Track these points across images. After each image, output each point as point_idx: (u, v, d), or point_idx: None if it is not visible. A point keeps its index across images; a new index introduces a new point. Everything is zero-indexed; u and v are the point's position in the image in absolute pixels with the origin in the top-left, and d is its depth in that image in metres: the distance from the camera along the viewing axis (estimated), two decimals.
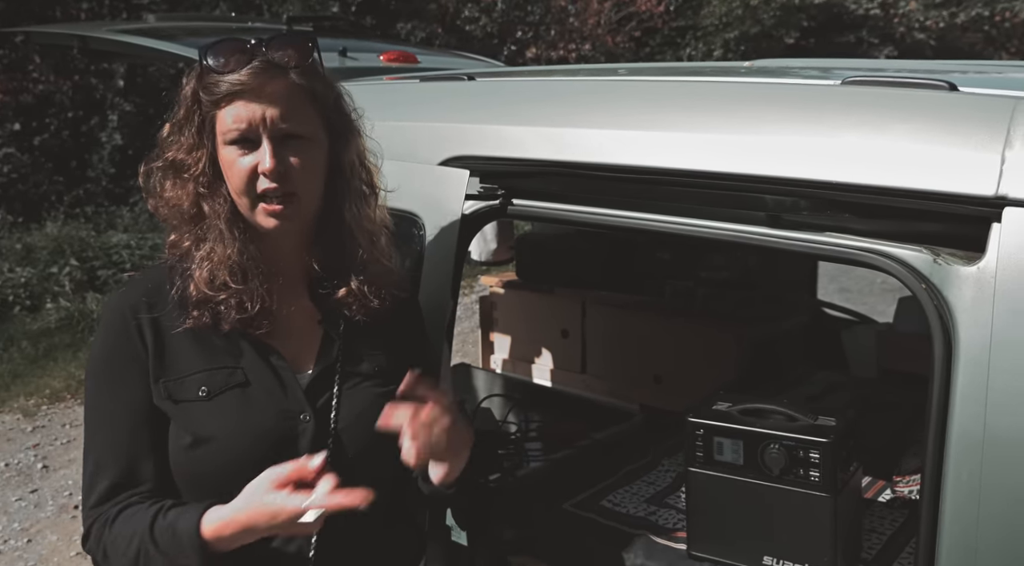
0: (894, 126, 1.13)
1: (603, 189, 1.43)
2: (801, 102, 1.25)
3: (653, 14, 11.10)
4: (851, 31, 13.20)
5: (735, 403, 1.50)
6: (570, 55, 9.92)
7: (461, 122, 1.61)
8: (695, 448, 1.47)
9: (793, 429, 1.39)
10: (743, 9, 11.16)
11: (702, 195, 1.31)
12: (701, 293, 2.75)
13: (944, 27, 13.57)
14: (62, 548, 3.56)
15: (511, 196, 1.55)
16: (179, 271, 1.17)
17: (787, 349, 2.55)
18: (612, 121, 1.42)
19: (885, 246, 1.13)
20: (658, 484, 1.80)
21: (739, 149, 1.24)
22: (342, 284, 1.20)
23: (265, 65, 1.11)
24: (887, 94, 1.18)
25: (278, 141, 1.11)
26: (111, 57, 3.24)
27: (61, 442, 4.63)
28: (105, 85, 8.10)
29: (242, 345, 1.17)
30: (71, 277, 6.62)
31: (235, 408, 1.14)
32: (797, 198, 1.21)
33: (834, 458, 1.34)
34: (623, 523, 1.64)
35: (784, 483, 1.38)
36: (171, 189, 1.16)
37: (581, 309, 2.76)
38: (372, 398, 1.21)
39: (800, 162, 1.18)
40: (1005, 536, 1.01)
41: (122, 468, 1.15)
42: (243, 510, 1.06)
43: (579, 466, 1.91)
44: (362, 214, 1.22)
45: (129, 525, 1.12)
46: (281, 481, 1.05)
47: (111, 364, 1.16)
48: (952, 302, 1.05)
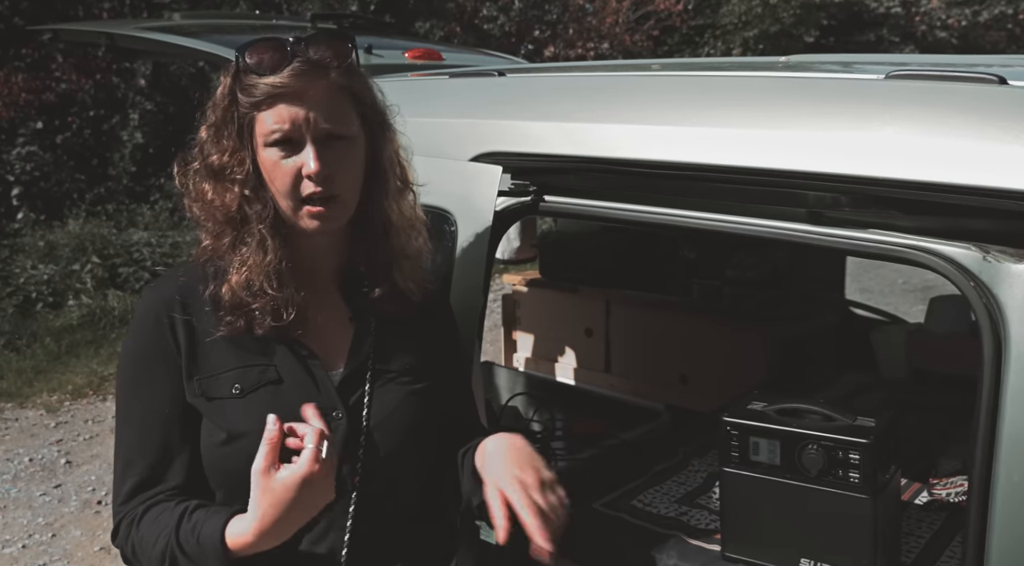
0: (942, 120, 1.10)
1: (638, 185, 1.41)
2: (845, 97, 1.23)
3: (671, 12, 11.05)
4: (871, 29, 13.09)
5: (771, 403, 1.48)
6: (588, 54, 9.89)
7: (492, 118, 1.60)
8: (730, 448, 1.45)
9: (832, 429, 1.37)
10: (762, 7, 11.09)
11: (741, 191, 1.29)
12: (727, 292, 2.73)
13: (966, 25, 13.42)
14: (86, 543, 3.58)
15: (543, 192, 1.53)
16: (212, 271, 1.16)
17: (815, 349, 2.52)
18: (648, 117, 1.40)
19: (932, 243, 1.11)
20: (689, 484, 1.78)
21: (780, 145, 1.22)
22: (377, 281, 1.19)
23: (306, 66, 1.09)
24: (934, 88, 1.15)
25: (320, 142, 1.10)
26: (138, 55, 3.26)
27: (84, 438, 4.67)
28: (127, 84, 8.15)
29: (274, 343, 1.16)
30: (93, 274, 6.67)
31: (268, 405, 1.13)
32: (840, 194, 1.18)
33: (874, 459, 1.32)
34: (654, 523, 1.62)
35: (822, 484, 1.36)
36: (213, 192, 1.15)
37: (605, 308, 2.75)
38: (404, 395, 1.20)
39: (844, 158, 1.16)
40: None
41: (151, 465, 1.15)
42: (261, 515, 1.04)
43: (608, 465, 1.89)
44: (399, 211, 1.21)
45: (155, 526, 1.11)
46: (267, 464, 1.02)
47: (143, 360, 1.16)
48: (1002, 300, 1.03)
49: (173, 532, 1.09)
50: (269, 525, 1.03)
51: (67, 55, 7.89)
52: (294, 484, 1.01)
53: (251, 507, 1.04)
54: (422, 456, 1.22)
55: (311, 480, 1.01)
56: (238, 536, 1.05)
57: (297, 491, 1.01)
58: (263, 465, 1.02)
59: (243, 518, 1.06)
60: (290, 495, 1.01)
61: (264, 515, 1.03)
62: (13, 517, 3.79)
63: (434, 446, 1.24)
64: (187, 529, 1.08)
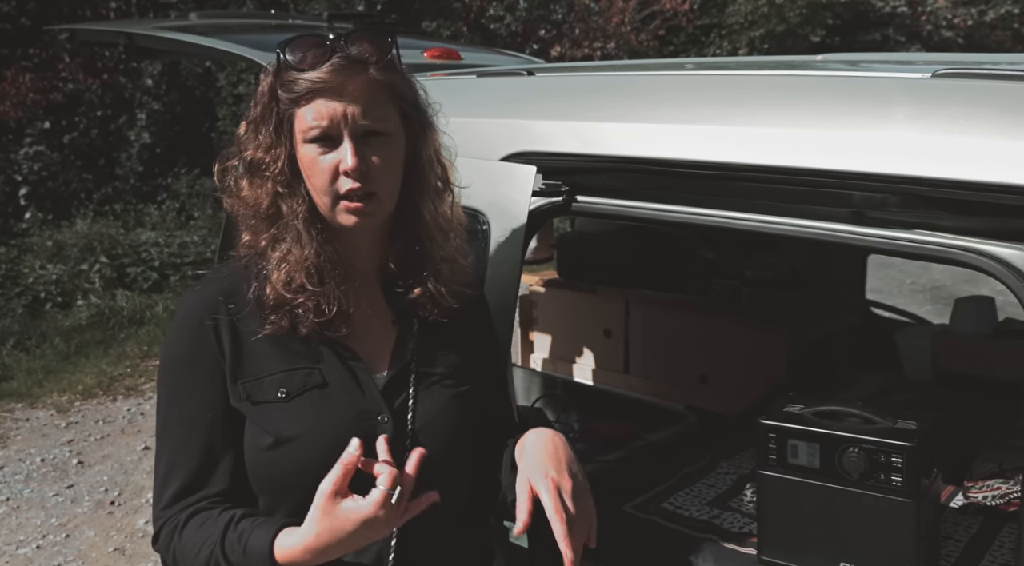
0: (992, 119, 1.09)
1: (675, 186, 1.40)
2: (891, 95, 1.22)
3: (677, 12, 11.02)
4: (877, 29, 13.07)
5: (807, 405, 1.46)
6: (595, 53, 9.87)
7: (524, 118, 1.58)
8: (767, 451, 1.43)
9: (873, 432, 1.35)
10: (769, 7, 11.07)
11: (782, 192, 1.28)
12: (746, 292, 2.71)
13: (972, 24, 13.40)
14: (100, 544, 3.57)
15: (575, 192, 1.52)
16: (255, 271, 1.15)
17: (836, 350, 2.51)
18: (686, 116, 1.39)
19: (982, 244, 1.09)
20: (719, 487, 1.77)
21: (823, 144, 1.21)
22: (418, 283, 1.18)
23: (345, 61, 1.08)
24: (982, 86, 1.14)
25: (359, 138, 1.09)
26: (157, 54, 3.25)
27: (95, 438, 4.66)
28: (134, 84, 8.15)
29: (319, 346, 1.15)
30: (101, 274, 6.67)
31: (314, 409, 1.12)
32: (886, 194, 1.17)
33: (917, 463, 1.30)
34: (687, 526, 1.61)
35: (863, 488, 1.34)
36: (249, 188, 1.14)
37: (624, 308, 2.73)
38: (447, 398, 1.19)
39: (891, 157, 1.14)
40: None
41: (194, 470, 1.14)
42: (316, 534, 1.02)
43: (636, 467, 1.88)
44: (438, 211, 1.19)
45: (200, 534, 1.10)
46: (335, 489, 1.01)
47: (185, 363, 1.15)
48: None
49: (218, 541, 1.07)
50: (321, 546, 1.02)
51: (74, 55, 7.89)
52: (356, 520, 1.00)
53: (307, 524, 1.03)
54: (466, 458, 1.21)
55: (373, 522, 1.00)
56: (287, 549, 1.04)
57: (356, 526, 1.00)
58: (331, 489, 1.01)
59: (293, 532, 1.04)
60: (348, 527, 1.01)
61: (319, 536, 1.02)
62: (27, 518, 3.78)
63: (477, 447, 1.23)
64: (233, 538, 1.07)
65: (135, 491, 4.04)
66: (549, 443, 1.16)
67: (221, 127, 8.20)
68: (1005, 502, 1.56)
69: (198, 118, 8.46)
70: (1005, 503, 1.56)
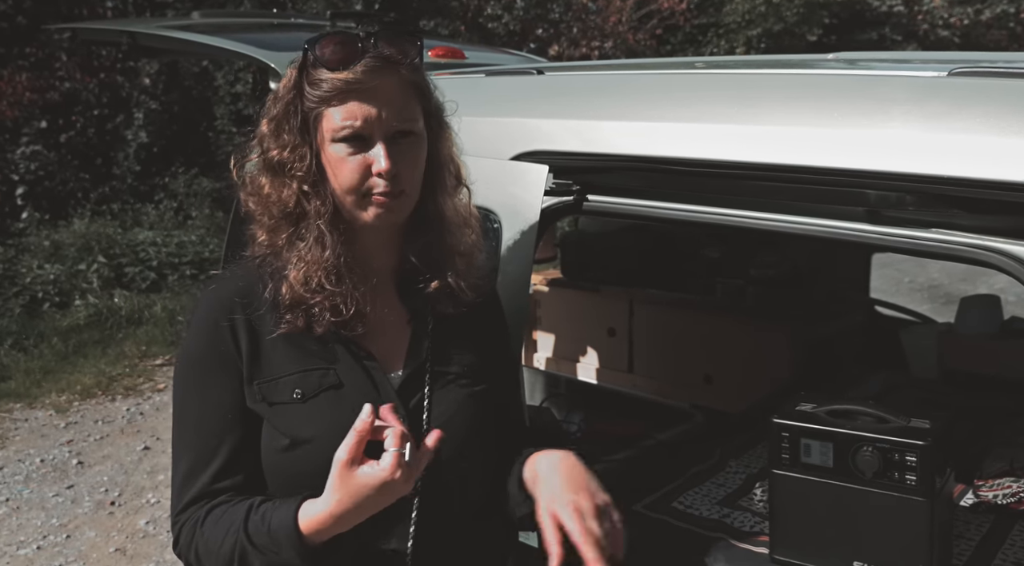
0: (1009, 117, 1.09)
1: (688, 185, 1.39)
2: (908, 94, 1.21)
3: (675, 11, 11.03)
4: (873, 28, 13.08)
5: (819, 404, 1.47)
6: (592, 53, 9.87)
7: (534, 117, 1.58)
8: (780, 450, 1.43)
9: (887, 431, 1.35)
10: (766, 6, 11.07)
11: (797, 190, 1.28)
12: (751, 291, 2.71)
13: (968, 24, 13.41)
14: (100, 544, 3.56)
15: (586, 192, 1.52)
16: (270, 270, 1.14)
17: (842, 348, 2.51)
18: (698, 115, 1.39)
19: (1000, 243, 1.09)
20: (728, 486, 1.77)
21: (840, 143, 1.21)
22: (434, 278, 1.18)
23: (379, 62, 1.08)
24: (999, 85, 1.14)
25: (390, 140, 1.09)
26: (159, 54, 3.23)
27: (94, 438, 4.64)
28: (131, 83, 8.12)
29: (334, 346, 1.14)
30: (99, 274, 6.65)
31: (330, 410, 1.11)
32: (902, 193, 1.17)
33: (931, 461, 1.31)
34: (698, 525, 1.61)
35: (877, 487, 1.34)
36: (270, 187, 1.13)
37: (628, 308, 2.73)
38: (463, 397, 1.19)
39: (907, 156, 1.14)
40: None
41: (212, 471, 1.13)
42: (337, 501, 1.02)
43: (644, 467, 1.88)
44: (454, 208, 1.19)
45: (221, 524, 1.09)
46: (351, 457, 1.01)
47: (202, 364, 1.14)
48: None
49: (241, 527, 1.07)
50: (343, 511, 1.02)
51: (71, 54, 7.86)
52: (374, 484, 1.00)
53: (327, 492, 1.03)
54: (482, 456, 1.21)
55: (390, 484, 1.00)
56: (310, 518, 1.04)
57: (374, 491, 1.00)
58: (347, 457, 1.01)
59: (315, 502, 1.05)
60: (367, 492, 1.00)
61: (340, 502, 1.02)
62: (27, 518, 3.76)
63: (493, 444, 1.22)
64: (256, 521, 1.07)
65: (135, 491, 4.02)
66: (563, 465, 1.15)
67: (219, 126, 8.17)
68: (1016, 500, 1.56)
69: (195, 117, 8.44)
70: (1016, 501, 1.56)
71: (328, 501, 1.03)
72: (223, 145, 8.21)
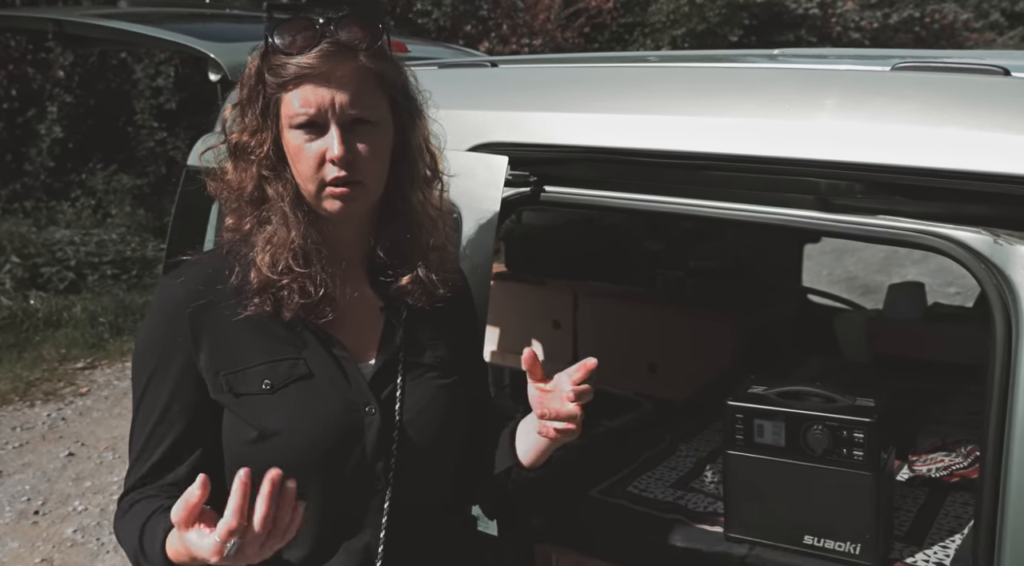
0: (951, 110, 1.15)
1: (644, 175, 1.43)
2: (854, 87, 1.27)
3: (602, 10, 11.17)
4: (790, 30, 13.52)
5: (770, 386, 1.52)
6: (522, 50, 9.91)
7: (490, 109, 1.59)
8: (735, 431, 1.48)
9: (835, 410, 1.42)
10: (689, 6, 11.33)
11: (748, 180, 1.32)
12: (691, 282, 2.79)
13: (878, 27, 14.02)
14: (25, 554, 3.41)
15: (542, 183, 1.54)
16: (237, 256, 1.13)
17: (779, 335, 2.60)
18: (652, 107, 1.42)
19: (943, 228, 1.16)
20: (680, 469, 1.82)
21: (789, 133, 1.26)
22: (407, 271, 1.17)
23: (335, 47, 1.07)
24: (941, 79, 1.20)
25: (346, 127, 1.08)
26: (90, 43, 3.11)
27: (13, 446, 4.43)
28: (44, 75, 7.75)
29: (303, 334, 1.13)
30: (12, 275, 6.34)
31: (300, 401, 1.10)
32: (851, 181, 1.23)
33: (877, 437, 1.38)
34: (654, 508, 1.65)
35: (827, 463, 1.41)
36: (233, 172, 1.13)
37: (573, 300, 2.76)
38: (435, 390, 1.19)
39: (855, 146, 1.20)
40: None
41: (153, 461, 1.13)
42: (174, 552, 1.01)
43: (598, 453, 1.91)
44: (427, 199, 1.19)
45: (134, 521, 1.09)
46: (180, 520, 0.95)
47: (158, 353, 1.12)
48: (1014, 281, 1.08)
49: (139, 532, 1.06)
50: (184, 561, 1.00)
51: None
52: (195, 554, 0.96)
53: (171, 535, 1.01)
54: (454, 448, 1.21)
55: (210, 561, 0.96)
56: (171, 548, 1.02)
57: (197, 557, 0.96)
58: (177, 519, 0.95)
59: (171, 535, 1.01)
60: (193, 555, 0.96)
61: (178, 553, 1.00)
62: None
63: (463, 437, 1.23)
64: (152, 527, 1.05)
65: (61, 499, 3.86)
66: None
67: (139, 121, 7.88)
68: (948, 473, 1.66)
69: (114, 112, 8.12)
70: (948, 474, 1.66)
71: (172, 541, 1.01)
72: (144, 140, 7.94)
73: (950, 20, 14.65)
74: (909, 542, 1.50)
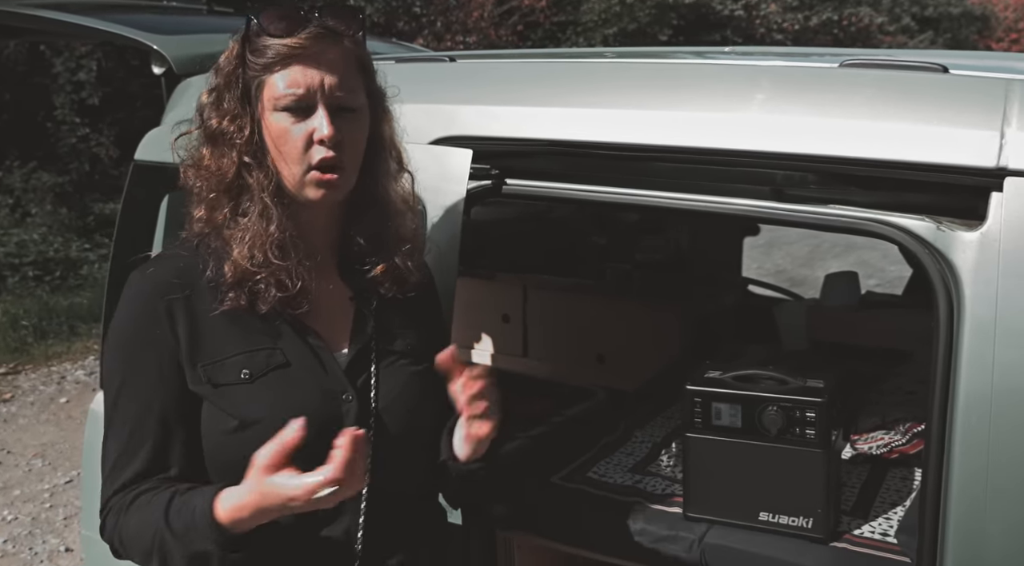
0: (896, 104, 1.23)
1: (605, 168, 1.47)
2: (805, 83, 1.34)
3: (535, 8, 11.25)
4: (717, 30, 13.88)
5: (725, 371, 1.59)
6: (457, 47, 9.91)
7: (451, 102, 1.60)
8: (693, 415, 1.54)
9: (788, 391, 1.49)
10: (620, 6, 11.51)
11: (706, 172, 1.38)
12: (638, 275, 2.86)
13: (799, 29, 14.50)
14: None
15: (504, 176, 1.56)
16: (209, 250, 1.12)
17: (722, 325, 2.69)
18: (610, 101, 1.46)
19: (890, 216, 1.23)
20: (636, 454, 1.87)
21: (745, 127, 1.31)
22: (379, 261, 1.18)
23: (323, 30, 1.08)
24: (886, 76, 1.28)
25: (333, 110, 1.09)
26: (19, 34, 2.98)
27: None
28: None
29: (278, 325, 1.13)
30: None
31: (279, 390, 1.10)
32: (804, 173, 1.29)
33: (827, 416, 1.45)
34: (614, 492, 1.70)
35: (781, 442, 1.48)
36: (211, 158, 1.11)
37: (523, 294, 2.81)
38: (408, 376, 1.21)
39: (807, 139, 1.26)
40: (1014, 480, 1.11)
41: (143, 458, 1.10)
42: (248, 494, 1.01)
43: (557, 441, 1.95)
44: (395, 191, 1.21)
45: (144, 511, 1.07)
46: (270, 463, 0.99)
47: (136, 349, 1.10)
48: (956, 264, 1.16)
49: (163, 513, 1.04)
50: (253, 507, 1.01)
51: None
52: (282, 496, 0.98)
53: (243, 484, 1.02)
54: (428, 434, 1.23)
55: (296, 504, 0.99)
56: (228, 506, 1.02)
57: (282, 501, 0.99)
58: (266, 463, 0.99)
59: (233, 490, 1.03)
60: (274, 500, 0.99)
61: (252, 496, 1.01)
62: None
63: (435, 424, 1.25)
64: (177, 506, 1.04)
65: None
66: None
67: (59, 117, 7.58)
68: (888, 450, 1.75)
69: (32, 107, 7.78)
70: (888, 451, 1.75)
71: (242, 494, 1.02)
72: (64, 137, 7.64)
73: (866, 23, 15.27)
74: (855, 515, 1.58)
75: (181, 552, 1.04)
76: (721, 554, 1.50)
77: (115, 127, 7.82)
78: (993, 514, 1.12)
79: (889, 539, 1.49)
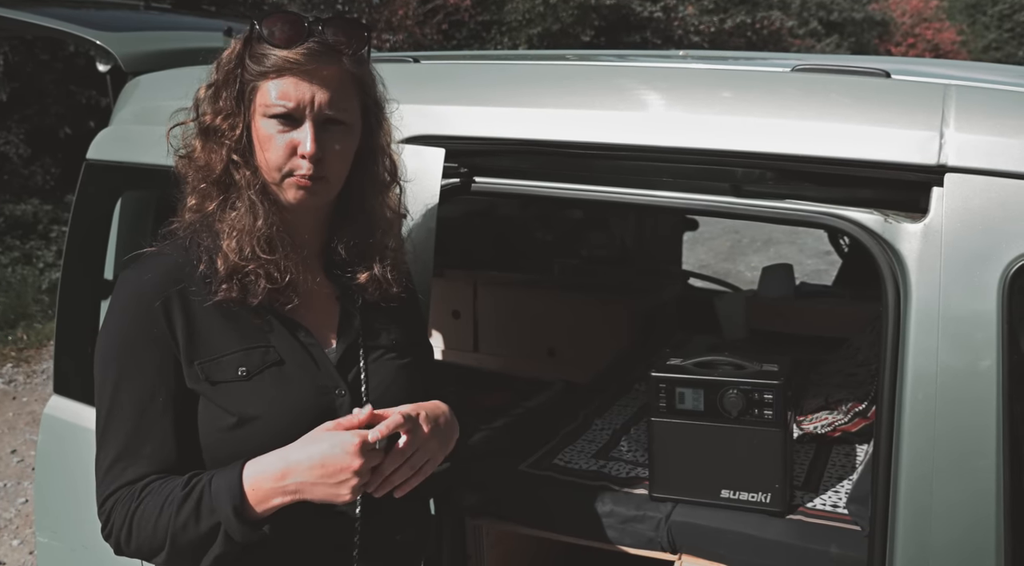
0: (844, 106, 1.33)
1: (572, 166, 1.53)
2: (759, 86, 1.43)
3: (459, 7, 11.28)
4: (637, 32, 14.19)
5: (686, 358, 1.68)
6: (383, 45, 9.85)
7: (418, 102, 1.63)
8: (658, 400, 1.62)
9: (747, 375, 1.58)
10: (544, 6, 11.64)
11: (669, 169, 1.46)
12: (585, 270, 2.94)
13: (715, 31, 14.96)
14: None
15: (472, 174, 1.61)
16: (201, 246, 1.13)
17: (666, 317, 2.80)
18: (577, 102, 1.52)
19: (841, 210, 1.33)
20: (597, 441, 1.95)
21: (706, 127, 1.39)
22: (364, 270, 1.21)
23: (321, 47, 1.10)
24: (834, 80, 1.38)
25: (319, 125, 1.11)
26: None
27: None
28: None
29: (271, 321, 1.15)
30: None
31: (275, 387, 1.13)
32: (762, 170, 1.38)
33: (784, 397, 1.55)
34: (580, 477, 1.77)
35: (741, 423, 1.57)
36: (202, 152, 1.14)
37: (473, 290, 2.85)
38: (395, 370, 1.24)
39: (764, 138, 1.35)
40: (959, 453, 1.22)
41: (145, 454, 1.11)
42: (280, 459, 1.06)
43: (520, 431, 2.01)
44: (383, 201, 1.24)
45: (158, 497, 1.08)
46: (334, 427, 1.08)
47: (132, 345, 1.11)
48: (903, 254, 1.27)
49: (180, 492, 1.06)
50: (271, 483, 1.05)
51: None
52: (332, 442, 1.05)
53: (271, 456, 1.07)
54: None
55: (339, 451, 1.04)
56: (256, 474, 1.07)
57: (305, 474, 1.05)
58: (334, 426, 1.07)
59: (261, 459, 1.07)
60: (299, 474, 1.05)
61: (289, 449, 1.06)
62: None
63: None
64: (196, 487, 1.06)
65: None
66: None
67: None
68: (832, 429, 1.87)
69: None
70: (832, 430, 1.88)
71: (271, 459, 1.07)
72: None
73: (777, 26, 15.85)
74: (807, 490, 1.69)
75: (195, 530, 1.05)
76: (687, 530, 1.59)
77: (24, 124, 7.47)
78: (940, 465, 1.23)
79: (840, 510, 1.60)
